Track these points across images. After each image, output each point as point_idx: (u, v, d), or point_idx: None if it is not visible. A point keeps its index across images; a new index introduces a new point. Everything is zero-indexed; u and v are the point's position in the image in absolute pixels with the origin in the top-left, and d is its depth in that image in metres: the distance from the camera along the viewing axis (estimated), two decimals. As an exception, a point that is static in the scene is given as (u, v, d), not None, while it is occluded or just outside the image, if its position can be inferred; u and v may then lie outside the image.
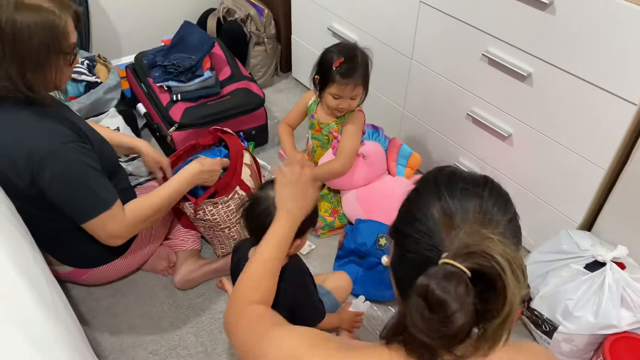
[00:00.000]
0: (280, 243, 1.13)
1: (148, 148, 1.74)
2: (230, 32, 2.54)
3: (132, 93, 2.40)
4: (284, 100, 2.66)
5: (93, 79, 2.19)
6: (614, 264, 1.48)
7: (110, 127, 2.00)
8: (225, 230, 1.73)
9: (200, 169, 1.56)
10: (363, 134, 1.91)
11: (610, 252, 1.49)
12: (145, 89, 2.25)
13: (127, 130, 2.13)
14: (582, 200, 1.62)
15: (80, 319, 1.46)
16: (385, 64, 2.03)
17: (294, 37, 2.60)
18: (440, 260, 0.69)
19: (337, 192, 2.01)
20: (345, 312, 1.64)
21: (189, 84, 2.14)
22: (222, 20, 2.59)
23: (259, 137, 2.33)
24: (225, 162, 1.69)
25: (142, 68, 2.29)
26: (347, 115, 1.87)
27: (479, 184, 0.78)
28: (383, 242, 1.74)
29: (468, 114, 1.82)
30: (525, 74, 1.57)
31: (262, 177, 1.89)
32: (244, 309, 1.01)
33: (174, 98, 2.13)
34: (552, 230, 1.69)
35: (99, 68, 2.28)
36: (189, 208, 1.66)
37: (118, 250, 1.61)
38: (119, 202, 1.40)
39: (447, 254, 0.69)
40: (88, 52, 2.52)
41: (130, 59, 2.46)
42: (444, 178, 0.79)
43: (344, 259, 1.83)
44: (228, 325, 1.03)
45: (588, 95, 1.46)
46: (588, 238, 1.58)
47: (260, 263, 1.10)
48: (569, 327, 1.48)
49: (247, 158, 1.75)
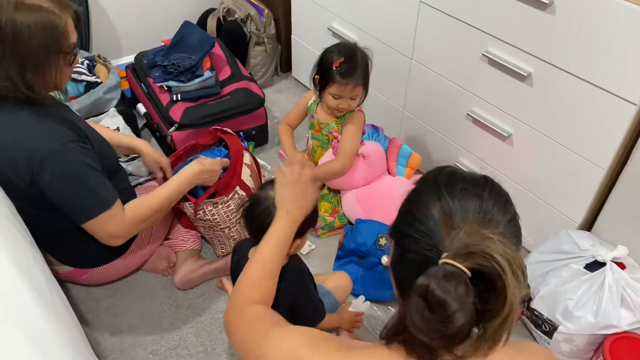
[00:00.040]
0: (280, 243, 1.13)
1: (148, 148, 1.74)
2: (230, 32, 2.54)
3: (132, 93, 2.40)
4: (284, 100, 2.66)
5: (93, 79, 2.19)
6: (614, 264, 1.48)
7: (110, 127, 2.00)
8: (225, 230, 1.73)
9: (200, 169, 1.56)
10: (363, 134, 1.91)
11: (610, 252, 1.49)
12: (145, 89, 2.25)
13: (127, 130, 2.13)
14: (582, 200, 1.62)
15: (80, 319, 1.46)
16: (385, 64, 2.03)
17: (294, 37, 2.60)
18: (440, 260, 0.69)
19: (337, 192, 2.01)
20: (345, 312, 1.64)
21: (189, 84, 2.14)
22: (222, 20, 2.59)
23: (259, 137, 2.33)
24: (225, 162, 1.69)
25: (142, 68, 2.29)
26: (347, 115, 1.87)
27: (479, 184, 0.78)
28: (383, 242, 1.74)
29: (468, 114, 1.82)
30: (525, 74, 1.57)
31: (262, 177, 1.89)
32: (244, 309, 1.02)
33: (174, 98, 2.13)
34: (552, 230, 1.69)
35: (99, 68, 2.28)
36: (189, 208, 1.66)
37: (118, 250, 1.61)
38: (119, 202, 1.40)
39: (447, 254, 0.69)
40: (88, 52, 2.52)
41: (130, 59, 2.46)
42: (444, 178, 0.79)
43: (344, 259, 1.83)
44: (228, 325, 1.03)
45: (588, 95, 1.46)
46: (588, 238, 1.58)
47: (260, 263, 1.10)
48: (569, 327, 1.48)
49: (247, 158, 1.75)
